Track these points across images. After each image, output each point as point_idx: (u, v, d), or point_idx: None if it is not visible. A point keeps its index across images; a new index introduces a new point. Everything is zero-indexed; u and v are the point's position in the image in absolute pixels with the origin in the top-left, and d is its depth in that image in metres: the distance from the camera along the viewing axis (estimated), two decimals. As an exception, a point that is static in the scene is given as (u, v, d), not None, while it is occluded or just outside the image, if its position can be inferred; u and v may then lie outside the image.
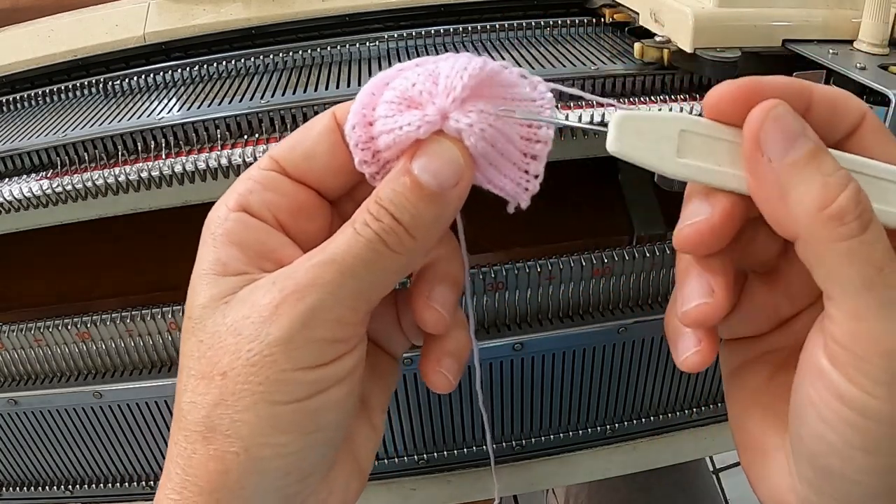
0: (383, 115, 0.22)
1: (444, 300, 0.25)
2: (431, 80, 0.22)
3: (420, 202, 0.21)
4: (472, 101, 0.22)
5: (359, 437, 0.25)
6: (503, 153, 0.23)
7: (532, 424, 0.44)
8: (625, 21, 0.44)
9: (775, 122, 0.20)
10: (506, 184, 0.23)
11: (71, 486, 0.45)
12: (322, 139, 0.23)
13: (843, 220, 0.19)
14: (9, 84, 0.46)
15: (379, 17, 0.47)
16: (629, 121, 0.21)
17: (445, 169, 0.22)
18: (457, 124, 0.22)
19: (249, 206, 0.23)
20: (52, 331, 0.40)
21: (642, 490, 0.66)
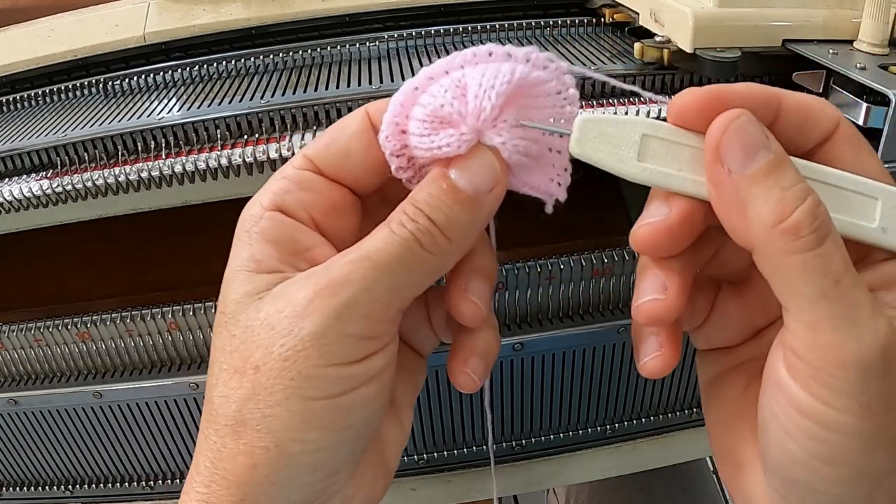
0: (418, 134, 0.22)
1: (480, 292, 0.24)
2: (461, 97, 0.22)
3: (455, 205, 0.22)
4: (504, 113, 0.22)
5: (388, 436, 0.26)
6: (536, 157, 0.23)
7: (532, 424, 0.44)
8: (625, 21, 0.44)
9: (736, 132, 0.20)
10: (540, 183, 0.24)
11: (71, 486, 0.45)
12: (357, 138, 0.24)
13: (799, 234, 0.19)
14: (9, 84, 0.46)
15: (379, 17, 0.47)
16: (591, 123, 0.22)
17: (482, 174, 0.22)
18: (491, 142, 0.22)
19: (284, 205, 0.23)
20: (52, 331, 0.40)
21: (642, 490, 0.66)
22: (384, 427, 0.25)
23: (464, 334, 0.26)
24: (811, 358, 0.19)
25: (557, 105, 0.23)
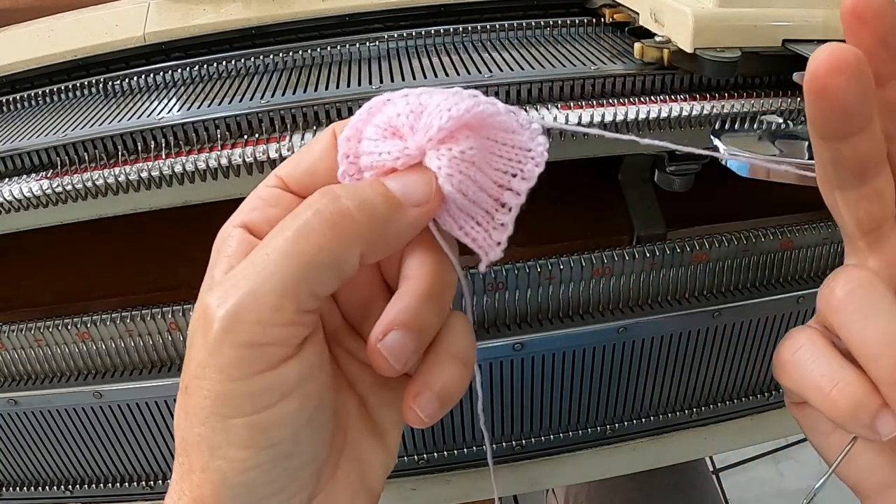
0: (369, 138, 0.23)
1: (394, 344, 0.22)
2: (417, 114, 0.22)
3: (377, 196, 0.21)
4: (452, 141, 0.22)
5: (369, 458, 0.25)
6: (475, 200, 0.23)
7: (532, 424, 0.44)
8: (625, 21, 0.44)
9: None
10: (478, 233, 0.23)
11: (71, 486, 0.45)
12: (323, 156, 0.24)
13: None
14: (9, 84, 0.45)
15: (379, 17, 0.47)
16: None
17: (414, 184, 0.22)
18: (429, 163, 0.22)
19: (251, 223, 0.23)
20: (52, 331, 0.40)
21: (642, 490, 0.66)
22: (362, 448, 0.25)
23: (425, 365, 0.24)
24: None
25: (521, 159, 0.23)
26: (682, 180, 0.44)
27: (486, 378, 0.41)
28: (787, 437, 1.41)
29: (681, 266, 0.41)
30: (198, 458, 0.21)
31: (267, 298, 0.20)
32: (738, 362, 0.45)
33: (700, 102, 0.37)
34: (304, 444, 0.22)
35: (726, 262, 0.42)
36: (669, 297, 0.42)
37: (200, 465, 0.21)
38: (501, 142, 0.23)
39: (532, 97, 0.38)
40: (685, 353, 0.43)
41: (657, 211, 0.47)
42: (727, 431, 0.49)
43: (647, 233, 0.47)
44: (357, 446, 0.25)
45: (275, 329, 0.20)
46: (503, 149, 0.23)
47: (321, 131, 0.24)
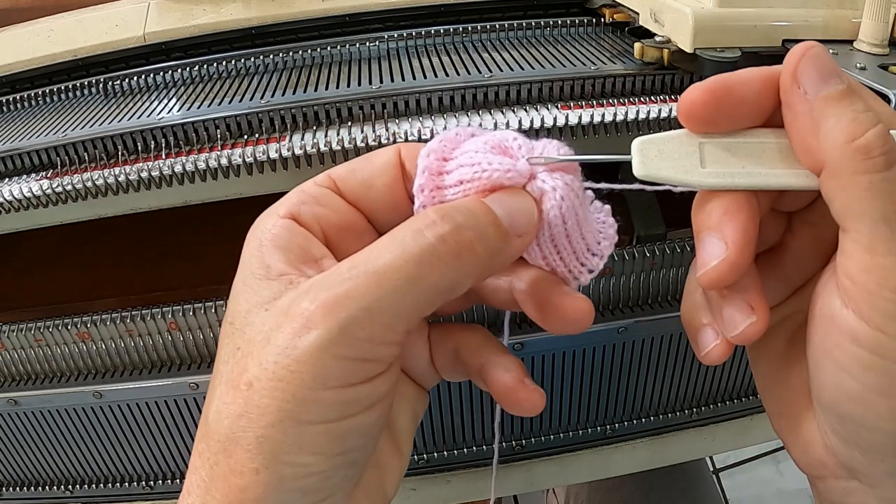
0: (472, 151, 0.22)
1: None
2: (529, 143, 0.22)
3: (489, 225, 0.21)
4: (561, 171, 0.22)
5: (386, 464, 0.25)
6: (569, 234, 0.23)
7: (532, 424, 0.44)
8: (625, 21, 0.44)
9: (812, 59, 0.21)
10: (558, 266, 0.23)
11: (71, 486, 0.45)
12: (383, 171, 0.23)
13: (870, 154, 0.19)
14: (9, 84, 0.46)
15: (379, 17, 0.47)
16: (649, 144, 0.22)
17: (519, 213, 0.21)
18: (542, 185, 0.22)
19: (299, 216, 0.23)
20: (52, 331, 0.40)
21: (642, 490, 0.66)
22: (383, 454, 0.25)
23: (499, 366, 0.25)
24: (866, 280, 0.20)
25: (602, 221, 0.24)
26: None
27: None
28: (787, 437, 1.41)
29: (681, 266, 0.41)
30: (249, 460, 0.20)
31: (383, 318, 0.20)
32: (738, 362, 0.45)
33: (700, 102, 0.37)
34: (367, 455, 0.22)
35: (726, 262, 0.42)
36: (669, 297, 0.42)
37: (252, 468, 0.20)
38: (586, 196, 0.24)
39: (532, 97, 0.38)
40: (685, 353, 0.43)
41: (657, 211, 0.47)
42: (727, 431, 0.49)
43: (647, 233, 0.47)
44: (379, 453, 0.24)
45: (383, 347, 0.20)
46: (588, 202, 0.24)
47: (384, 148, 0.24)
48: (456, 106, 0.38)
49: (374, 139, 0.35)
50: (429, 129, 0.36)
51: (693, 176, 0.22)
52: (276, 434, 0.20)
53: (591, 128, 0.36)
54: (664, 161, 0.22)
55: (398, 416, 0.26)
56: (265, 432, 0.20)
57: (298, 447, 0.20)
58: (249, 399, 0.20)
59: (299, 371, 0.19)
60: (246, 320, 0.21)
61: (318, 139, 0.35)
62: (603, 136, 0.37)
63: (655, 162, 0.22)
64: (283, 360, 0.19)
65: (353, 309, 0.19)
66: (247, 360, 0.20)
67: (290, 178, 0.37)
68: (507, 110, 0.37)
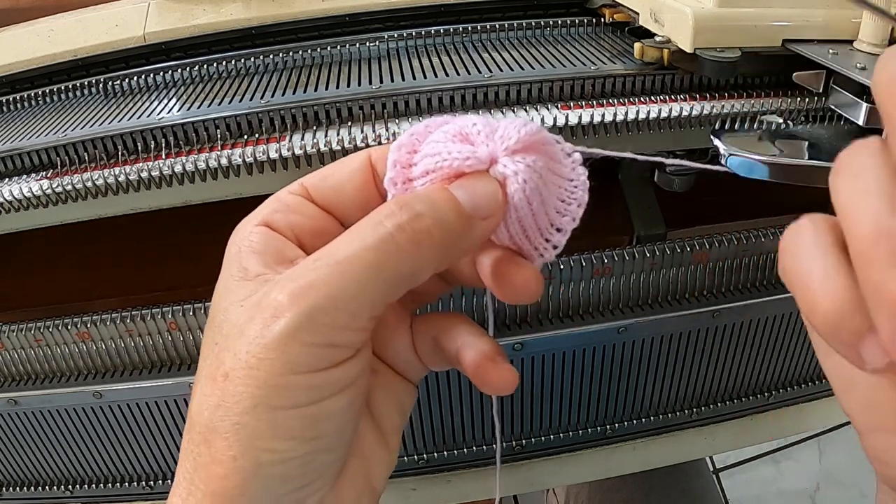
0: (435, 141, 0.23)
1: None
2: (490, 127, 0.23)
3: (450, 211, 0.21)
4: (524, 153, 0.22)
5: (372, 456, 0.25)
6: (535, 213, 0.23)
7: (532, 424, 0.44)
8: (625, 21, 0.44)
9: None
10: (524, 244, 0.24)
11: (71, 486, 0.45)
12: (354, 176, 0.24)
13: None
14: (9, 84, 0.46)
15: (379, 17, 0.47)
16: None
17: (482, 196, 0.22)
18: (504, 169, 0.22)
19: (273, 223, 0.24)
20: (52, 331, 0.40)
21: (642, 490, 0.66)
22: (368, 446, 0.25)
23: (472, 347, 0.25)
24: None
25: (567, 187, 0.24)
26: (682, 180, 0.45)
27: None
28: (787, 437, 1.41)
29: (681, 266, 0.41)
30: (227, 447, 0.21)
31: (346, 304, 0.21)
32: (738, 362, 0.45)
33: (700, 102, 0.37)
34: (344, 440, 0.23)
35: (726, 262, 0.42)
36: (669, 297, 0.42)
37: (230, 455, 0.21)
38: (553, 169, 0.24)
39: (532, 97, 0.38)
40: (685, 353, 0.43)
41: (657, 211, 0.47)
42: (727, 431, 0.49)
43: (647, 233, 0.47)
44: (363, 443, 0.25)
45: (348, 333, 0.21)
46: (555, 176, 0.24)
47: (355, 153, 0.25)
48: (456, 106, 0.38)
49: (373, 139, 0.35)
50: (429, 129, 0.36)
51: None
52: (250, 421, 0.20)
53: (591, 128, 0.36)
54: None
55: (383, 409, 0.26)
56: (240, 419, 0.20)
57: (272, 432, 0.21)
58: (225, 389, 0.21)
59: (269, 358, 0.20)
60: (224, 317, 0.22)
61: (318, 139, 0.35)
62: (603, 135, 0.37)
63: None
64: (254, 349, 0.20)
65: (317, 297, 0.20)
66: (223, 353, 0.21)
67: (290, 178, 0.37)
68: (507, 110, 0.37)
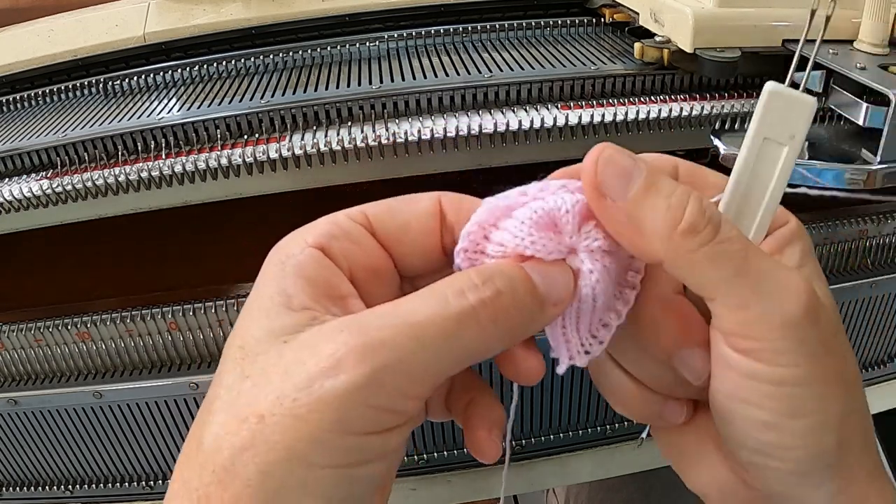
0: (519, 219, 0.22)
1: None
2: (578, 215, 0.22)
3: (527, 293, 0.21)
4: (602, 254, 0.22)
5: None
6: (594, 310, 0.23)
7: (532, 424, 0.44)
8: (625, 21, 0.44)
9: (606, 165, 0.21)
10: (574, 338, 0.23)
11: (71, 486, 0.45)
12: (422, 216, 0.23)
13: (696, 230, 0.20)
14: (9, 84, 0.46)
15: (379, 17, 0.47)
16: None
17: (557, 281, 0.21)
18: (581, 265, 0.22)
19: (328, 248, 0.22)
20: (52, 331, 0.40)
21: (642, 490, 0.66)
22: None
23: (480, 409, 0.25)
24: (749, 333, 0.21)
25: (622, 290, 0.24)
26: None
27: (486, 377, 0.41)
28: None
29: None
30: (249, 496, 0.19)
31: (414, 372, 0.19)
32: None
33: (700, 102, 0.37)
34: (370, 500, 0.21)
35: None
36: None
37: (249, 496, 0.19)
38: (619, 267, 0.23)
39: (532, 97, 0.38)
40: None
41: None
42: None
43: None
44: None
45: (408, 401, 0.20)
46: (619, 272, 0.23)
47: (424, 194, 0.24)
48: (456, 106, 0.38)
49: (373, 139, 0.35)
50: (429, 129, 0.36)
51: None
52: (281, 473, 0.19)
53: (591, 128, 0.36)
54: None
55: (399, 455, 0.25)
56: (270, 469, 0.19)
57: (302, 490, 0.19)
58: (258, 432, 0.19)
59: (320, 411, 0.18)
60: (259, 348, 0.20)
61: (318, 139, 0.35)
62: (603, 135, 0.37)
63: None
64: (305, 398, 0.19)
65: (388, 358, 0.19)
66: (257, 390, 0.19)
67: (290, 178, 0.37)
68: (507, 110, 0.37)
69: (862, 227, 0.43)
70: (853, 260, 0.43)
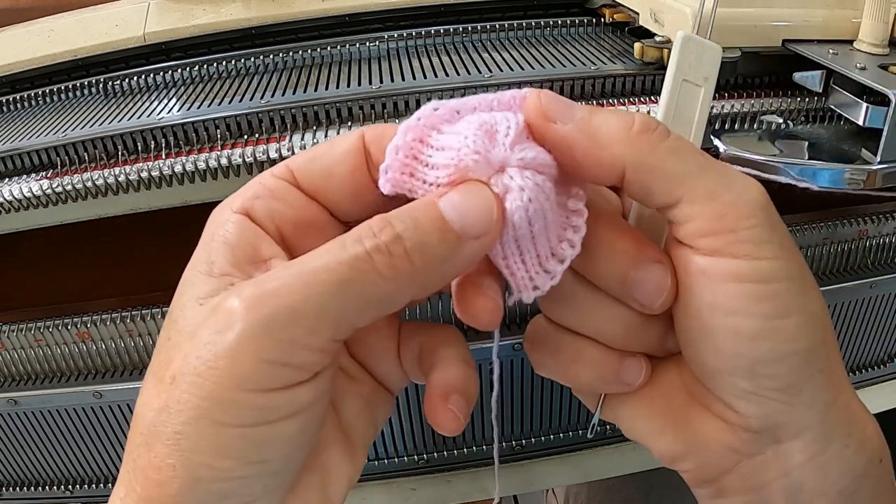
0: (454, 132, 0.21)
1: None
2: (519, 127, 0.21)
3: (434, 232, 0.19)
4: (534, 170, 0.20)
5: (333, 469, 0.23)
6: (535, 237, 0.21)
7: (532, 424, 0.44)
8: (625, 21, 0.44)
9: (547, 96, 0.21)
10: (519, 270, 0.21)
11: (71, 486, 0.45)
12: (345, 158, 0.22)
13: (651, 128, 0.21)
14: (9, 84, 0.46)
15: (379, 17, 0.47)
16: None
17: (476, 214, 0.20)
18: (510, 181, 0.20)
19: (252, 211, 0.22)
20: (52, 331, 0.40)
21: (642, 490, 0.66)
22: (331, 459, 0.23)
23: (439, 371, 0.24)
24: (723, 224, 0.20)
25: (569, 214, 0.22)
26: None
27: (486, 378, 0.41)
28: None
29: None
30: (167, 455, 0.19)
31: (306, 319, 0.19)
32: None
33: (700, 102, 0.37)
34: (291, 465, 0.21)
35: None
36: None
37: (169, 463, 0.19)
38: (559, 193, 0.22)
39: (532, 97, 0.38)
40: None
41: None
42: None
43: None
44: (324, 457, 0.23)
45: (305, 353, 0.19)
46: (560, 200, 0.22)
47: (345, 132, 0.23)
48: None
49: (374, 139, 0.35)
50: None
51: None
52: (192, 432, 0.19)
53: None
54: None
55: (355, 421, 0.24)
56: (182, 429, 0.19)
57: (215, 450, 0.19)
58: (171, 393, 0.19)
59: (217, 369, 0.19)
60: (181, 313, 0.20)
61: (319, 139, 0.35)
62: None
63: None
64: (205, 355, 0.19)
65: (276, 306, 0.19)
66: (173, 352, 0.20)
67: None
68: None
69: (862, 227, 0.43)
70: (853, 260, 0.43)
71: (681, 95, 0.24)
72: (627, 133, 0.21)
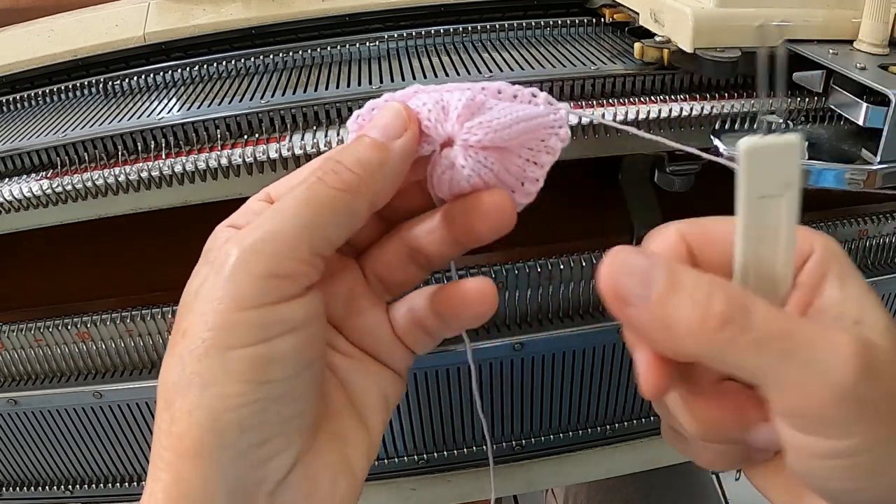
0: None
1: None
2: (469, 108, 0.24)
3: (364, 149, 0.24)
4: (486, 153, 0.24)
5: (348, 435, 0.25)
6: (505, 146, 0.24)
7: (532, 424, 0.44)
8: (625, 21, 0.44)
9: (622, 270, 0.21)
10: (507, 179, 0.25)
11: (71, 486, 0.45)
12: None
13: (730, 321, 0.20)
14: (9, 84, 0.45)
15: (379, 17, 0.47)
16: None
17: (389, 121, 0.24)
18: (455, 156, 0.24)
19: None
20: (52, 331, 0.40)
21: (642, 490, 0.66)
22: (344, 425, 0.25)
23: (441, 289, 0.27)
24: (808, 410, 0.20)
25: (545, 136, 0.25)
26: (682, 180, 0.44)
27: (486, 378, 0.41)
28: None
29: (681, 266, 0.41)
30: (184, 402, 0.21)
31: (285, 237, 0.22)
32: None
33: (700, 102, 0.37)
34: (298, 392, 0.23)
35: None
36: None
37: (187, 409, 0.21)
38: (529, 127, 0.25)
39: (532, 97, 0.38)
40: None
41: (657, 211, 0.47)
42: (727, 431, 0.49)
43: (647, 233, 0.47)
44: (339, 422, 0.25)
45: (291, 263, 0.22)
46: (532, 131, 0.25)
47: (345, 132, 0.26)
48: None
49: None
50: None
51: None
52: (202, 368, 0.21)
53: (591, 128, 0.36)
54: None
55: (362, 392, 0.26)
56: (194, 369, 0.21)
57: (225, 375, 0.21)
58: (183, 346, 0.21)
59: (218, 298, 0.21)
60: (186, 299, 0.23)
61: (318, 139, 0.35)
62: (603, 135, 0.37)
63: None
64: (207, 294, 0.22)
65: (260, 233, 0.22)
66: (181, 321, 0.22)
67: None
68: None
69: (862, 227, 0.43)
70: (853, 260, 0.43)
71: (759, 214, 0.20)
72: (704, 327, 0.20)
